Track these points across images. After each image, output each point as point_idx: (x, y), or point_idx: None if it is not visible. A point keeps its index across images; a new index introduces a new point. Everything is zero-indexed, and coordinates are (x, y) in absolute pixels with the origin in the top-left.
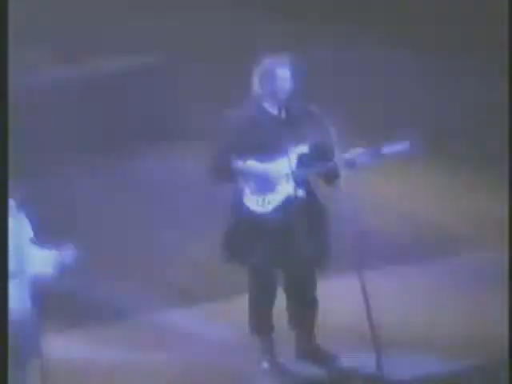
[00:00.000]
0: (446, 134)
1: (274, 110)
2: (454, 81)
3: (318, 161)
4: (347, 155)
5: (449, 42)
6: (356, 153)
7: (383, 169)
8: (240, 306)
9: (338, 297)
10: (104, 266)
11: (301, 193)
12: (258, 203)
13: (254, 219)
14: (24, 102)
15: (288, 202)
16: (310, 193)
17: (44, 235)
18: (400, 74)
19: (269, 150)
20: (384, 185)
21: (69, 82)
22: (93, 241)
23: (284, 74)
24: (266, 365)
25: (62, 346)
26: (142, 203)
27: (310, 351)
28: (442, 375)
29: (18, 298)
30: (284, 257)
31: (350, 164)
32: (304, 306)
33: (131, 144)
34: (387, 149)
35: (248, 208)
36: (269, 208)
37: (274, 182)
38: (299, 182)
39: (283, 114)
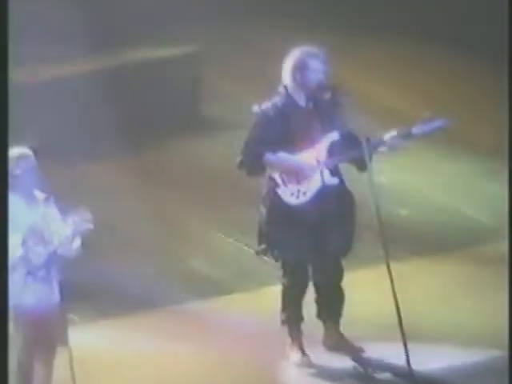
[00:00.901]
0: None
1: (302, 101)
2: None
3: (349, 148)
4: (375, 139)
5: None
6: (386, 136)
7: (411, 159)
8: (269, 297)
9: (366, 288)
10: (132, 255)
11: (334, 181)
12: (293, 195)
13: (288, 211)
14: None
15: (322, 192)
16: (341, 181)
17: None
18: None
19: (299, 140)
20: (412, 174)
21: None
22: (119, 230)
23: (315, 66)
24: (294, 356)
25: (90, 336)
26: (172, 192)
27: (337, 343)
28: (470, 366)
29: (45, 288)
30: (316, 249)
31: (381, 146)
32: (332, 297)
33: (161, 133)
34: (416, 129)
35: (282, 200)
36: (304, 199)
37: (307, 172)
38: (332, 171)
39: (312, 105)
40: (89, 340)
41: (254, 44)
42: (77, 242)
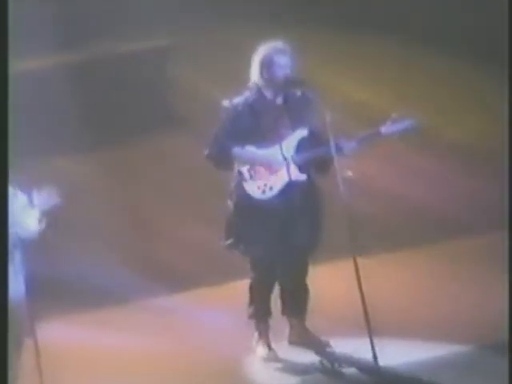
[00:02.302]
0: (443, 121)
1: (272, 97)
2: (451, 68)
3: (316, 146)
4: (343, 140)
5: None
6: (355, 137)
7: (378, 153)
8: (236, 291)
9: (332, 283)
10: (102, 250)
11: (302, 177)
12: (260, 189)
13: (255, 205)
14: (25, 87)
15: (290, 187)
16: (309, 177)
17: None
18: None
19: (268, 135)
20: (379, 170)
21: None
22: (91, 224)
23: (282, 61)
24: (261, 350)
25: (59, 331)
26: (142, 185)
27: (303, 339)
28: (437, 360)
29: (12, 279)
30: (283, 244)
31: (347, 149)
32: (296, 293)
33: (130, 130)
34: (385, 129)
35: (249, 194)
36: (271, 194)
37: (275, 167)
38: (300, 167)
39: (281, 101)
40: (55, 334)
41: (226, 40)
42: (42, 223)
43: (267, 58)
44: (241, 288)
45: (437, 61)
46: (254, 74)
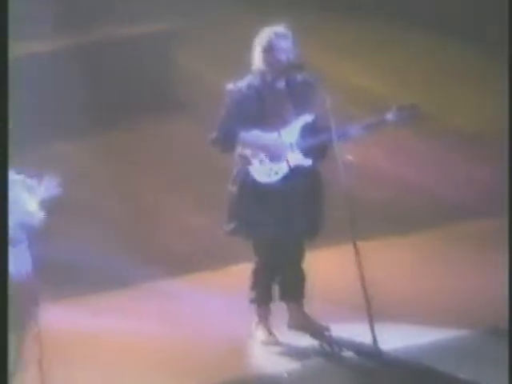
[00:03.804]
0: (444, 106)
1: (275, 81)
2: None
3: (320, 131)
4: (348, 126)
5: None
6: (358, 124)
7: (377, 139)
8: (236, 275)
9: (332, 267)
10: (103, 234)
11: (307, 162)
12: (265, 173)
13: (260, 190)
14: (26, 71)
15: (294, 172)
16: (314, 163)
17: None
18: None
19: (272, 120)
20: (379, 155)
21: (67, 51)
22: (92, 209)
23: (283, 45)
24: (261, 335)
25: (60, 316)
26: (143, 170)
27: (302, 324)
28: (437, 345)
29: (18, 262)
30: (284, 229)
31: (350, 135)
32: (294, 278)
33: (131, 114)
34: (391, 116)
35: (253, 178)
36: (276, 178)
37: (280, 152)
38: (304, 152)
39: (283, 85)
40: (57, 318)
41: (228, 23)
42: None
43: (269, 42)
44: (241, 272)
45: (439, 46)
46: (256, 59)
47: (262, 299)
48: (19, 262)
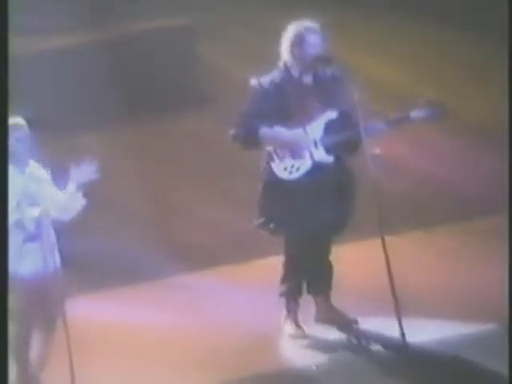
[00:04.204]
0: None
1: (301, 76)
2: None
3: (345, 128)
4: (373, 122)
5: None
6: (383, 120)
7: (402, 134)
8: (262, 269)
9: (360, 261)
10: (129, 228)
11: (329, 159)
12: (286, 170)
13: (282, 186)
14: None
15: (316, 169)
16: (338, 159)
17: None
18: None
19: (295, 116)
20: (404, 150)
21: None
22: (118, 203)
23: (313, 40)
24: (289, 328)
25: (86, 308)
26: (167, 166)
27: (329, 317)
28: (464, 338)
29: (42, 256)
30: (311, 225)
31: (375, 132)
32: (321, 272)
33: (154, 108)
34: (415, 114)
35: (275, 174)
36: (297, 174)
37: (302, 148)
38: (328, 149)
39: (310, 80)
40: (83, 311)
41: (252, 18)
42: (79, 198)
43: (298, 36)
44: (265, 266)
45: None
46: (284, 53)
47: (291, 293)
48: (47, 256)
